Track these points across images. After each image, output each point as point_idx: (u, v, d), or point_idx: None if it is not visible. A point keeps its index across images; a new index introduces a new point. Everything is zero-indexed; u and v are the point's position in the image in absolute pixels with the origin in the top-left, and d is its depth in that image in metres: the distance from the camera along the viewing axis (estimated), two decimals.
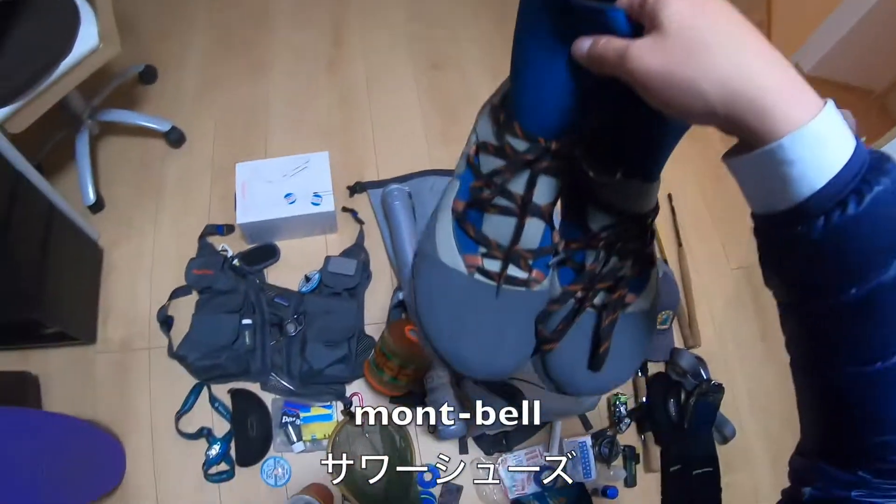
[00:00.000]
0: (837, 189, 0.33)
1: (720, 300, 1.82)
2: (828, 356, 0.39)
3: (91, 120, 1.79)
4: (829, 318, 0.37)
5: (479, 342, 0.54)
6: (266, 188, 1.67)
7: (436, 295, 0.55)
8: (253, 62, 2.09)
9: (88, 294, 1.64)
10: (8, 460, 1.16)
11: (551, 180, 0.51)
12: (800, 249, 0.36)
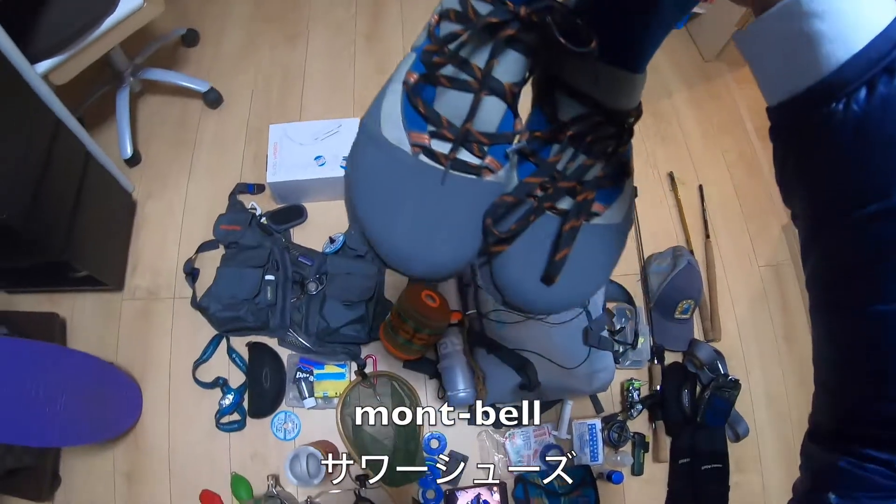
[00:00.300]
0: (876, 56, 0.27)
1: (745, 297, 1.79)
2: (852, 292, 0.33)
3: (133, 78, 1.85)
4: (853, 240, 0.32)
5: (415, 230, 0.46)
6: (297, 150, 1.70)
7: (372, 174, 0.47)
8: (292, 31, 2.12)
9: (119, 243, 1.70)
10: (29, 390, 1.20)
11: (518, 56, 0.45)
12: (823, 143, 0.31)
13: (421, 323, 1.43)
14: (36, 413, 1.21)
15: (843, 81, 0.28)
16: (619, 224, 0.54)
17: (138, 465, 1.50)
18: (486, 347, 1.45)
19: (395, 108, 0.47)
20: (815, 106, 0.29)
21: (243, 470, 1.49)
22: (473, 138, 0.46)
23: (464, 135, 0.45)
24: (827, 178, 0.32)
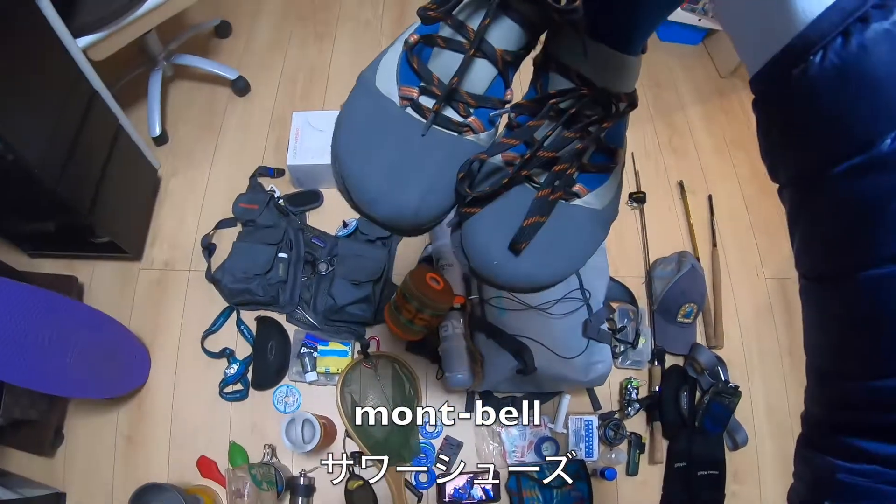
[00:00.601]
0: (851, 7, 0.27)
1: (750, 308, 1.80)
2: (841, 259, 0.32)
3: (166, 62, 1.94)
4: (840, 200, 0.31)
5: (388, 173, 0.48)
6: (318, 136, 1.76)
7: (358, 118, 0.51)
8: (320, 29, 2.22)
9: (141, 215, 1.77)
10: (42, 337, 1.24)
11: (512, 24, 0.46)
12: (804, 100, 0.30)
13: (423, 303, 1.47)
14: (47, 360, 1.26)
15: (819, 34, 0.28)
16: (599, 210, 0.53)
17: (140, 428, 1.54)
18: (486, 332, 1.47)
19: (392, 63, 0.50)
20: (794, 63, 0.30)
21: (242, 440, 1.52)
22: (460, 97, 0.48)
23: (450, 92, 0.47)
24: (811, 138, 0.32)
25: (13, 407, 1.36)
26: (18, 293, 1.21)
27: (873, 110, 0.27)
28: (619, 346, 1.65)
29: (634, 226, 1.86)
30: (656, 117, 2.04)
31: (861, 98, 0.28)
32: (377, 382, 1.59)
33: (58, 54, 1.34)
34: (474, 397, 1.61)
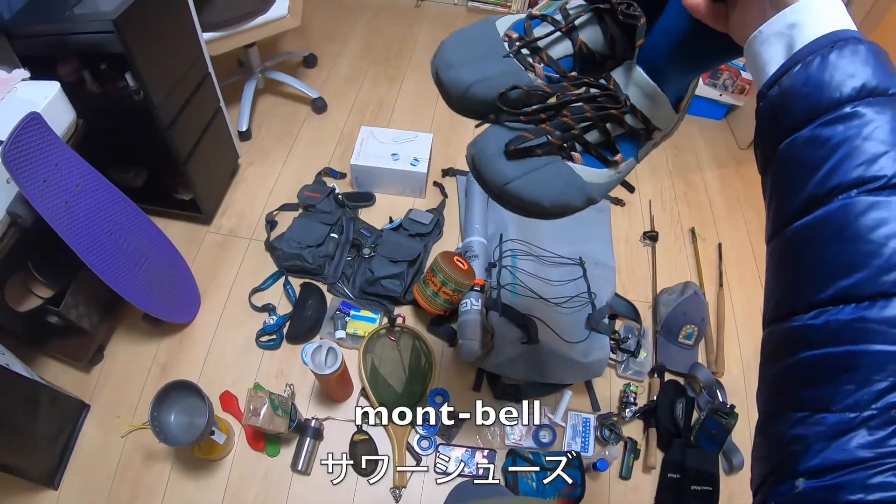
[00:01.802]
0: (828, 39, 0.39)
1: (752, 344, 1.90)
2: (786, 209, 0.40)
3: (261, 75, 2.33)
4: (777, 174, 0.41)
5: (466, 59, 0.65)
6: (379, 146, 2.06)
7: (472, 30, 0.68)
8: (391, 72, 2.61)
9: (219, 188, 2.06)
10: (123, 242, 1.47)
11: (598, 30, 0.63)
12: (789, 99, 0.40)
13: (448, 277, 1.67)
14: (122, 261, 1.47)
15: (806, 53, 0.39)
16: (584, 181, 0.64)
17: (176, 358, 1.72)
18: (499, 311, 1.65)
19: (514, 19, 0.67)
20: (787, 71, 0.40)
21: (266, 383, 1.68)
22: (538, 51, 0.64)
23: (535, 44, 0.64)
24: (790, 125, 0.40)
25: (72, 309, 1.53)
26: (117, 198, 1.46)
27: (827, 93, 0.38)
28: (621, 354, 1.78)
29: (646, 260, 2.04)
30: (675, 174, 2.28)
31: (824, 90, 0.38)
32: (397, 353, 1.75)
33: (190, 34, 1.68)
34: (482, 378, 1.74)
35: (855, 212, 0.35)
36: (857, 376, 0.33)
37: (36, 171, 1.19)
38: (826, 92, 0.37)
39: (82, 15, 1.37)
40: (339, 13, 2.97)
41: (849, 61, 0.37)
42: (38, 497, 1.47)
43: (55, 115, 1.28)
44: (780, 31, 0.41)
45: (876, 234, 0.33)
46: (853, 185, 0.35)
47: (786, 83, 0.39)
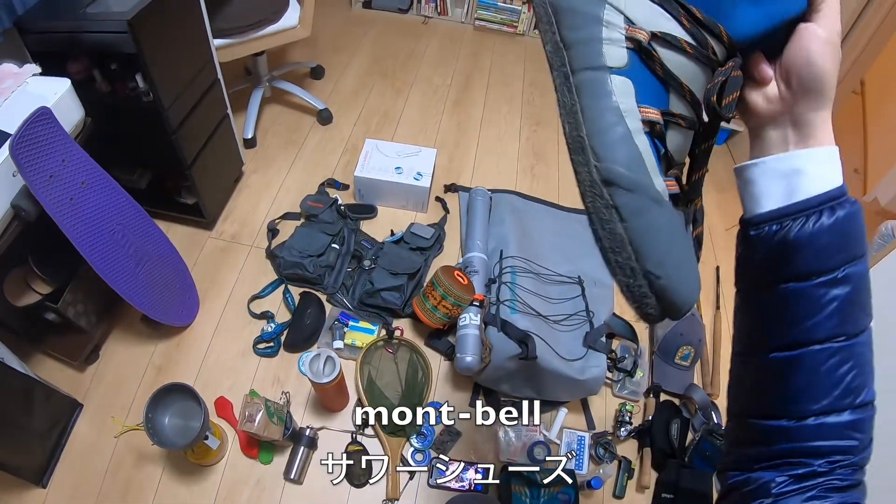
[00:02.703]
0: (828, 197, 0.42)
1: None
2: (771, 341, 0.46)
3: (268, 84, 2.35)
4: (771, 308, 0.45)
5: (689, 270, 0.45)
6: (383, 159, 2.07)
7: (667, 235, 0.42)
8: (398, 85, 2.65)
9: (223, 194, 2.07)
10: (126, 242, 1.47)
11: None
12: (789, 248, 0.43)
13: (448, 291, 1.67)
14: (122, 261, 1.47)
15: (809, 207, 0.42)
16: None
17: (172, 362, 1.71)
18: (498, 326, 1.65)
19: (647, 152, 0.41)
20: (787, 216, 0.43)
21: (262, 390, 1.67)
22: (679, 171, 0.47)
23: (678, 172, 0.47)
24: (791, 274, 0.44)
25: (70, 306, 1.52)
26: (122, 198, 1.47)
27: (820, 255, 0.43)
28: (617, 373, 1.78)
29: None
30: None
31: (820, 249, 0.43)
32: (394, 365, 1.74)
33: (201, 40, 1.70)
34: (479, 392, 1.73)
35: (827, 356, 0.44)
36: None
37: (43, 166, 1.20)
38: (826, 255, 0.43)
39: (96, 14, 1.38)
40: (348, 26, 3.02)
41: (844, 226, 0.43)
42: (25, 494, 1.45)
43: (64, 111, 1.29)
44: (784, 172, 0.44)
45: (839, 372, 0.44)
46: (830, 339, 0.44)
47: (788, 233, 0.43)
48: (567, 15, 0.43)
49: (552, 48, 0.43)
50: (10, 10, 1.36)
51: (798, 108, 0.44)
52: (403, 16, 3.17)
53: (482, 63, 2.90)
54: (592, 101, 0.41)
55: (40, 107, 1.18)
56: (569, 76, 0.42)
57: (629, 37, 0.42)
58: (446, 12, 3.16)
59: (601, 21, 0.42)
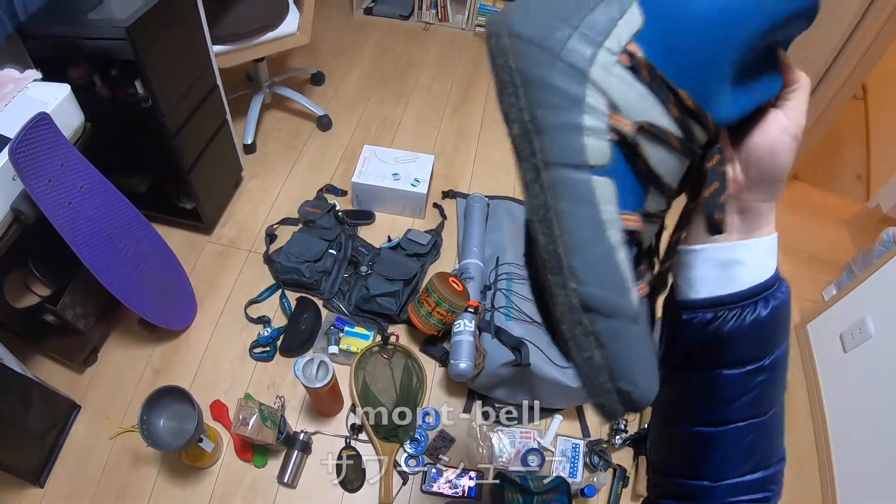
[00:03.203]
0: (763, 287, 0.42)
1: None
2: (700, 417, 0.48)
3: (268, 90, 2.37)
4: (700, 388, 0.46)
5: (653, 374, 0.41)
6: (380, 165, 2.08)
7: (638, 353, 0.38)
8: (397, 92, 2.66)
9: (221, 199, 2.09)
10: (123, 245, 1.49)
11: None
12: (704, 334, 0.43)
13: (442, 297, 1.68)
14: (120, 264, 1.49)
15: (744, 298, 0.42)
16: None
17: (170, 364, 1.72)
18: (492, 333, 1.66)
19: (624, 263, 0.37)
20: (722, 305, 0.43)
21: (258, 394, 1.68)
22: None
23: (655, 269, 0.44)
24: (723, 361, 0.45)
25: (69, 308, 1.54)
26: (120, 202, 1.48)
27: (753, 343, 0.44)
28: None
29: None
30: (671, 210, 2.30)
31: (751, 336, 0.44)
32: (389, 371, 1.75)
33: (200, 46, 1.72)
34: (474, 399, 1.74)
35: (748, 431, 0.46)
36: None
37: (42, 170, 1.21)
38: (758, 346, 0.44)
39: (97, 21, 1.40)
40: (348, 33, 3.04)
41: (776, 315, 0.43)
42: (23, 494, 1.47)
43: (64, 116, 1.30)
44: (724, 262, 0.43)
45: (757, 443, 0.47)
46: (752, 416, 0.46)
47: (723, 325, 0.43)
48: (541, 90, 0.35)
49: (520, 131, 0.36)
50: (12, 15, 1.38)
51: (749, 196, 0.43)
52: (404, 22, 3.18)
53: (482, 69, 2.90)
54: (572, 208, 0.35)
55: (39, 112, 1.20)
56: (541, 170, 0.35)
57: (613, 127, 0.36)
58: (447, 18, 3.17)
59: (583, 104, 0.35)
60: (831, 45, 2.06)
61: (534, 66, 0.35)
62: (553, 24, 0.36)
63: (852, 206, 2.55)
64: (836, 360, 1.80)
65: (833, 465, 1.69)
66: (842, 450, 1.70)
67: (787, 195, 1.98)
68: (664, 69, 0.36)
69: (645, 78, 0.36)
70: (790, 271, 2.19)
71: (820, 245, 2.31)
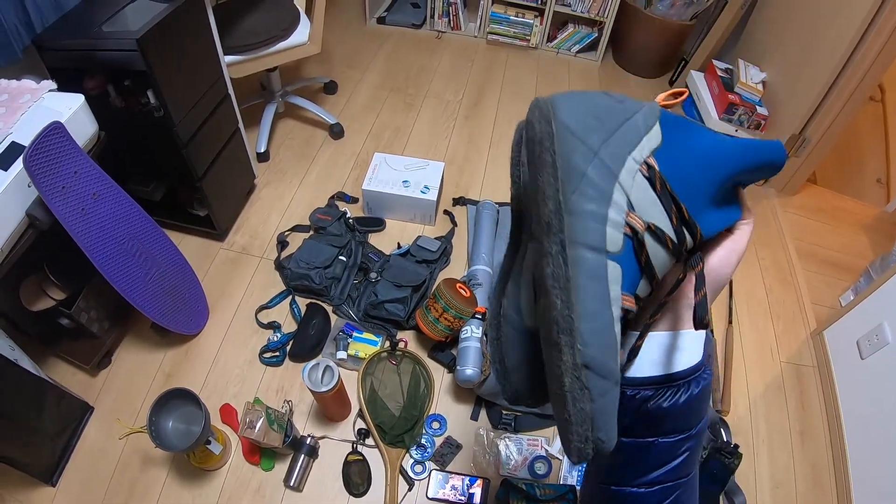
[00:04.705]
0: (695, 370, 0.48)
1: (761, 383, 1.87)
2: (624, 478, 0.52)
3: (281, 99, 2.42)
4: (637, 453, 0.51)
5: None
6: (391, 173, 2.11)
7: (613, 409, 0.44)
8: (409, 100, 2.70)
9: (234, 206, 2.12)
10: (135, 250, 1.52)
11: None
12: (645, 407, 0.48)
13: (449, 303, 1.68)
14: (132, 269, 1.52)
15: (680, 378, 0.48)
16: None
17: (181, 369, 1.75)
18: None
19: (616, 339, 0.43)
20: (663, 384, 0.48)
21: (266, 398, 1.70)
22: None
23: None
24: (659, 431, 0.49)
25: (83, 312, 1.57)
26: (133, 209, 1.52)
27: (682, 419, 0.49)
28: None
29: None
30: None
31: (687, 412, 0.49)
32: (397, 377, 1.76)
33: (211, 57, 1.75)
34: (481, 405, 1.74)
35: (673, 490, 0.51)
36: None
37: (56, 178, 1.25)
38: (689, 418, 0.50)
39: (110, 33, 1.44)
40: (361, 42, 3.09)
41: (703, 394, 0.49)
42: (35, 492, 1.50)
43: (78, 125, 1.34)
44: (668, 347, 0.49)
45: (682, 500, 0.52)
46: (679, 477, 0.51)
47: (662, 402, 0.48)
48: (578, 178, 0.41)
49: (554, 207, 0.40)
50: (29, 27, 1.42)
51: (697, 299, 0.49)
52: (417, 31, 3.22)
53: (494, 77, 2.93)
54: (589, 283, 0.41)
55: (53, 121, 1.23)
56: (566, 246, 0.40)
57: (629, 223, 0.43)
58: (459, 27, 3.21)
59: (610, 199, 0.42)
60: (844, 44, 2.03)
61: (575, 155, 0.41)
62: (594, 123, 0.43)
63: (872, 209, 2.51)
64: (853, 366, 1.77)
65: (849, 474, 1.66)
66: (858, 458, 1.66)
67: (805, 200, 1.99)
68: (672, 184, 0.45)
69: (657, 188, 0.44)
70: (807, 276, 2.16)
71: (838, 250, 2.28)
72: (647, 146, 0.45)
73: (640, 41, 2.99)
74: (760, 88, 2.46)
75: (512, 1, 3.04)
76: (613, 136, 0.43)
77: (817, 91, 2.18)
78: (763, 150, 0.46)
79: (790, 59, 2.40)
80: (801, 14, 2.35)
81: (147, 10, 1.48)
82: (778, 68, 2.47)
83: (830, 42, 2.11)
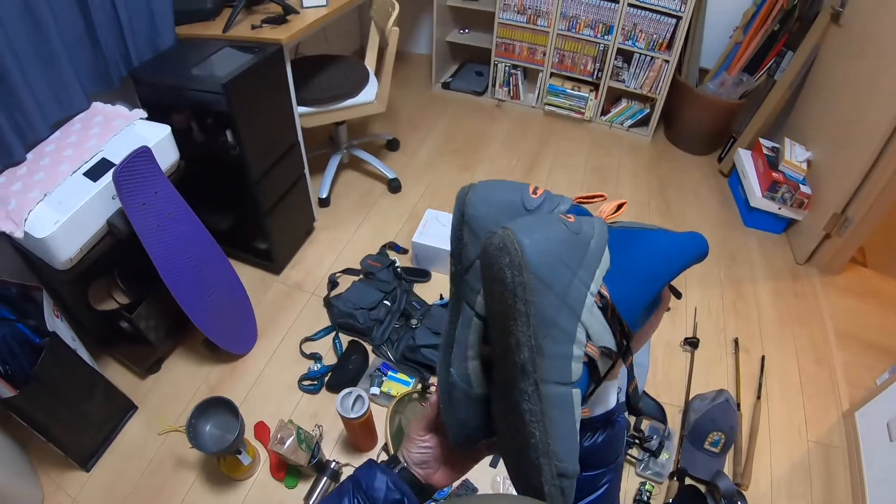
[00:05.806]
0: (614, 411, 0.58)
1: (786, 462, 1.81)
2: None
3: (346, 151, 2.65)
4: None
5: None
6: (440, 229, 2.25)
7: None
8: (465, 163, 2.88)
9: (293, 244, 2.31)
10: (199, 268, 1.69)
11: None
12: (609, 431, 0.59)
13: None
14: (193, 285, 1.69)
15: (601, 420, 0.58)
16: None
17: (225, 382, 1.89)
18: None
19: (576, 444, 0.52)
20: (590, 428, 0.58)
21: (299, 422, 1.78)
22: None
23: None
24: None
25: (143, 319, 1.74)
26: (202, 233, 1.70)
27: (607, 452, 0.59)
28: (642, 452, 1.76)
29: (684, 365, 2.03)
30: (725, 283, 2.30)
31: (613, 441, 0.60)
32: None
33: (286, 106, 1.98)
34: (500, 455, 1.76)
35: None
36: None
37: (138, 194, 1.44)
38: (609, 454, 0.60)
39: (198, 75, 1.66)
40: (426, 105, 3.34)
41: (621, 431, 0.60)
42: (69, 475, 1.64)
43: (162, 152, 1.55)
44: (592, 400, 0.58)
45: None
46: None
47: (582, 442, 0.57)
48: (549, 327, 0.46)
49: (528, 354, 0.45)
50: (127, 61, 1.66)
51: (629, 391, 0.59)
52: (478, 98, 3.44)
53: (548, 146, 3.09)
54: (560, 414, 0.48)
55: (142, 145, 1.44)
56: (539, 384, 0.46)
57: (587, 353, 0.49)
58: (518, 97, 3.40)
59: (574, 339, 0.47)
60: (885, 122, 2.03)
61: (547, 308, 0.46)
62: (561, 269, 0.47)
63: None
64: (882, 448, 1.70)
65: None
66: None
67: (848, 280, 2.03)
68: (618, 307, 0.51)
69: (608, 316, 0.50)
70: (845, 357, 2.11)
71: (880, 332, 2.21)
72: (600, 276, 0.49)
73: (691, 118, 3.08)
74: (805, 167, 2.48)
75: (569, 75, 3.21)
76: (576, 276, 0.47)
77: (859, 170, 2.17)
78: (689, 247, 0.55)
79: (833, 138, 2.41)
80: (844, 92, 2.37)
81: (233, 58, 1.70)
82: (822, 147, 2.49)
83: (871, 120, 2.11)
